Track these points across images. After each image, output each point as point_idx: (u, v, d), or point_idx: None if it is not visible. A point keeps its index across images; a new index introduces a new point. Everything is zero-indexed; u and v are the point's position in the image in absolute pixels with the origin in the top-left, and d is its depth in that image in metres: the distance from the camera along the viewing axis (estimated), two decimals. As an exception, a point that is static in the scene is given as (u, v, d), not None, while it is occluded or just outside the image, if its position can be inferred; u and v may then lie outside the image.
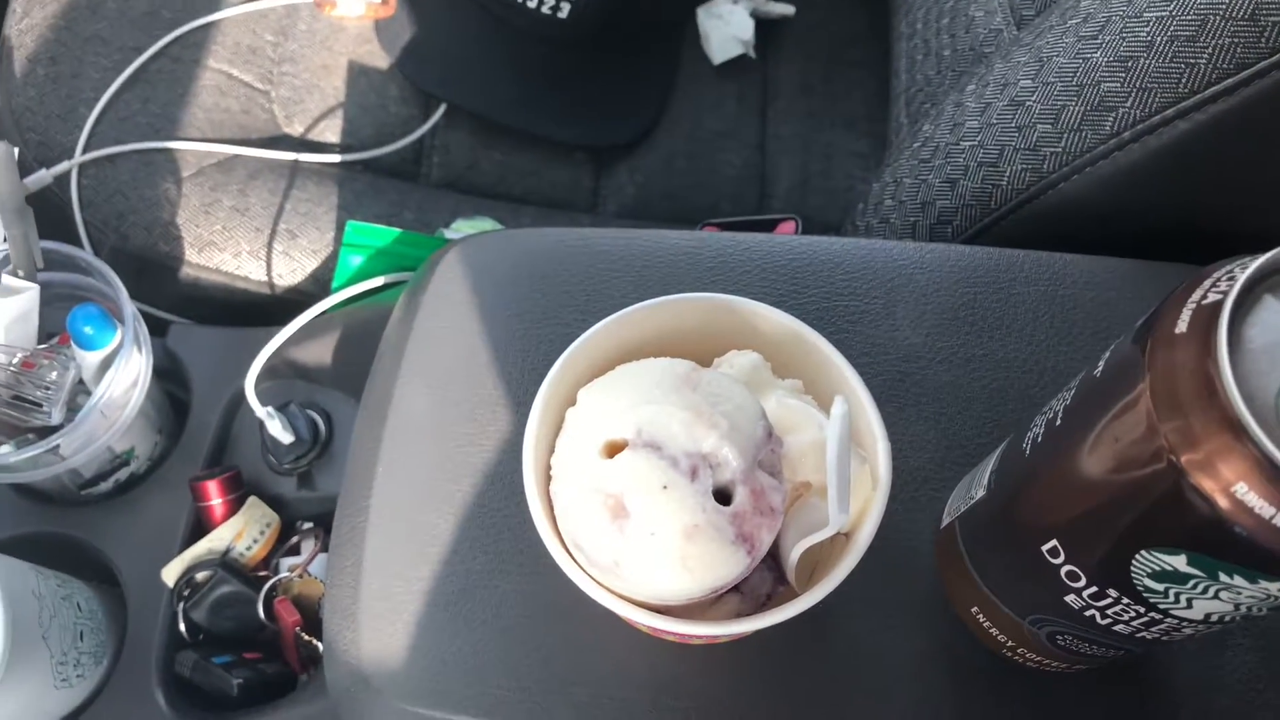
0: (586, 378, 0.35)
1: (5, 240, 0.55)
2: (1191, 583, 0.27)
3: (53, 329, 0.57)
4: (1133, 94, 0.47)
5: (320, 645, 0.54)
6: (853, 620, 0.40)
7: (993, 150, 0.53)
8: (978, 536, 0.36)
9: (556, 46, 0.82)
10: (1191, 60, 0.45)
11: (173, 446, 0.60)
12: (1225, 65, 0.44)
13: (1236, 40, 0.44)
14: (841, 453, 0.29)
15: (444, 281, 0.48)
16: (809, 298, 0.46)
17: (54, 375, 0.53)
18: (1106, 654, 0.34)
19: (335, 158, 0.74)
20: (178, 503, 0.58)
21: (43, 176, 0.68)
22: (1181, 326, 0.25)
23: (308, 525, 0.59)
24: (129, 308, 0.54)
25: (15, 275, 0.55)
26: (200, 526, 0.58)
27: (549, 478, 0.33)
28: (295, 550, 0.58)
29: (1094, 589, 0.30)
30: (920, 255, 0.47)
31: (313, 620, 0.55)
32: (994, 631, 0.37)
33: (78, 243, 0.69)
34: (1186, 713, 0.38)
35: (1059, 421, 0.31)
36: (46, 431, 0.54)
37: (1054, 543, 0.31)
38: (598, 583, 0.32)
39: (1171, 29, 0.46)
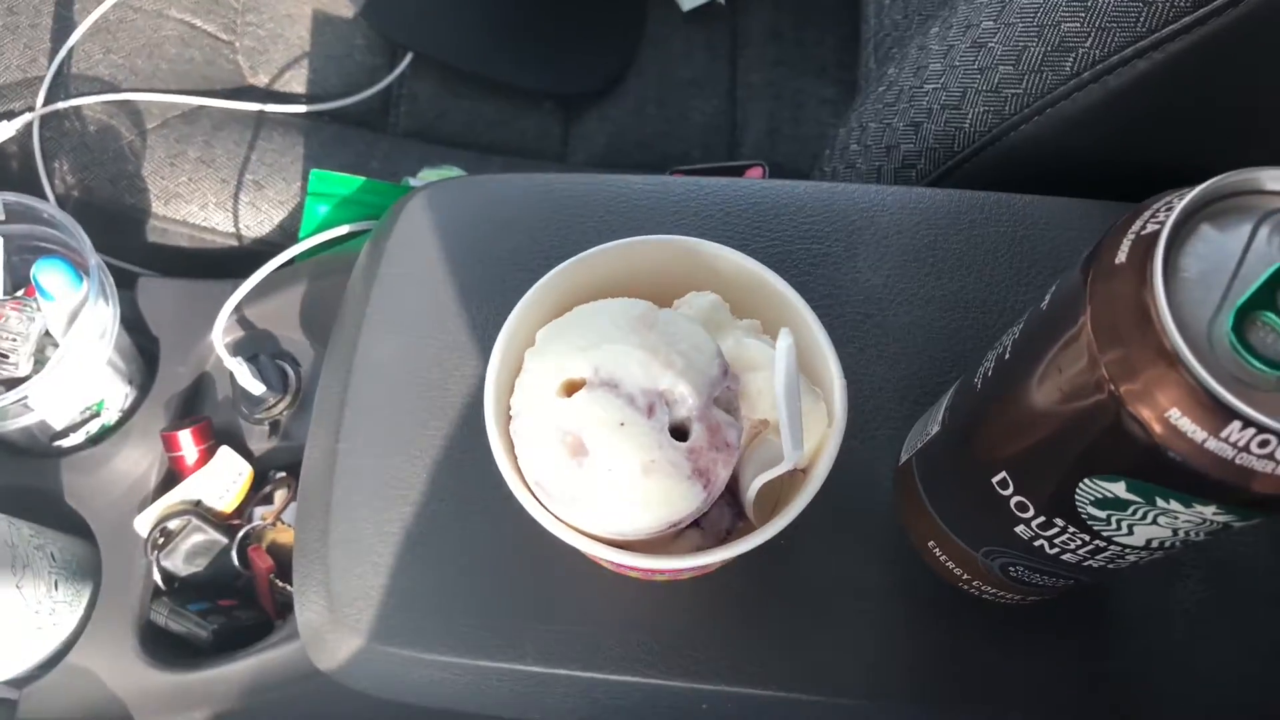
0: (547, 321, 0.35)
1: (-35, 192, 0.54)
2: (1132, 509, 0.27)
3: (18, 282, 0.57)
4: (1092, 33, 0.47)
5: (291, 590, 0.54)
6: (813, 555, 0.41)
7: (955, 92, 0.54)
8: (933, 471, 0.37)
9: (525, -6, 0.82)
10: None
11: (143, 398, 0.60)
12: (1182, 4, 0.45)
13: (1194, -21, 0.44)
14: (789, 386, 0.30)
15: (408, 228, 0.48)
16: (771, 240, 0.46)
17: (19, 326, 0.53)
18: (1057, 583, 0.35)
19: (301, 108, 0.73)
20: (149, 453, 0.58)
21: (3, 128, 0.67)
22: (1121, 257, 0.25)
23: (280, 474, 0.59)
24: (94, 259, 0.54)
25: (-23, 226, 0.54)
26: (172, 477, 0.58)
27: (510, 418, 0.34)
28: (268, 500, 0.59)
29: (1042, 519, 0.31)
30: (882, 197, 0.47)
31: (286, 567, 0.56)
32: (950, 565, 0.38)
33: (42, 195, 0.69)
34: (1137, 642, 0.40)
35: (1008, 355, 0.31)
36: (14, 383, 0.54)
37: (1003, 474, 0.31)
38: (560, 519, 0.33)
39: (1131, -32, 0.46)
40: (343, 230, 0.58)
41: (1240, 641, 0.40)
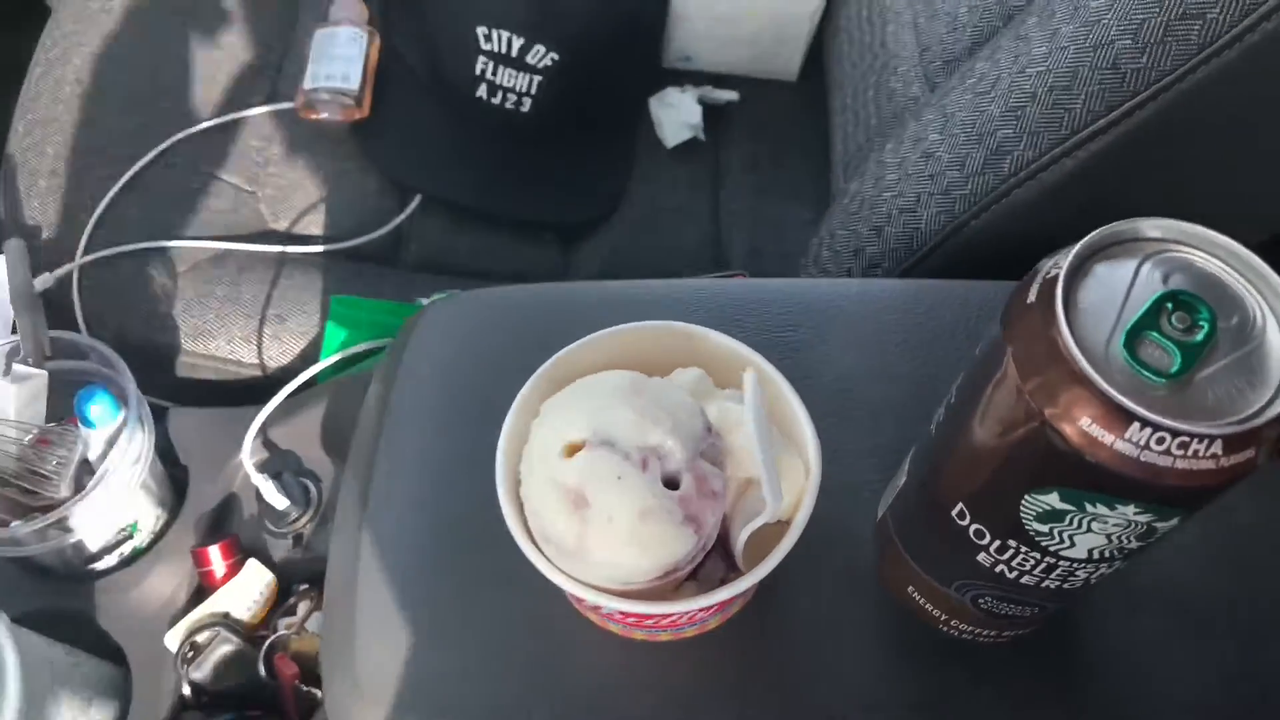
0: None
1: (16, 331, 0.59)
2: (1068, 518, 0.31)
3: (59, 414, 0.62)
4: (1024, 137, 0.53)
5: (319, 693, 0.57)
6: (806, 610, 0.44)
7: (910, 198, 0.60)
8: (904, 518, 0.41)
9: (521, 138, 0.89)
10: (1069, 105, 0.52)
11: (173, 520, 0.64)
12: (1097, 108, 0.51)
13: (1103, 86, 0.50)
14: (759, 420, 0.34)
15: (422, 338, 0.53)
16: (750, 329, 0.51)
17: (63, 451, 0.57)
18: (1024, 612, 0.38)
19: (319, 248, 0.80)
20: (179, 572, 0.62)
21: (45, 279, 0.73)
22: (1031, 298, 0.30)
23: (303, 586, 0.63)
24: (132, 387, 0.59)
25: (25, 363, 0.59)
26: (202, 593, 0.61)
27: (519, 483, 0.38)
28: (292, 611, 0.62)
29: (997, 543, 0.35)
30: (849, 289, 0.53)
31: (310, 673, 0.59)
32: (929, 607, 0.41)
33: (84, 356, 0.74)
34: (1107, 672, 0.42)
35: (953, 401, 0.35)
36: (53, 506, 0.57)
37: (960, 505, 0.35)
38: (564, 573, 0.37)
39: (1050, 81, 0.52)
40: (361, 348, 0.63)
41: (1201, 671, 0.42)
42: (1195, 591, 0.43)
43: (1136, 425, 0.27)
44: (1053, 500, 0.31)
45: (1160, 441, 0.27)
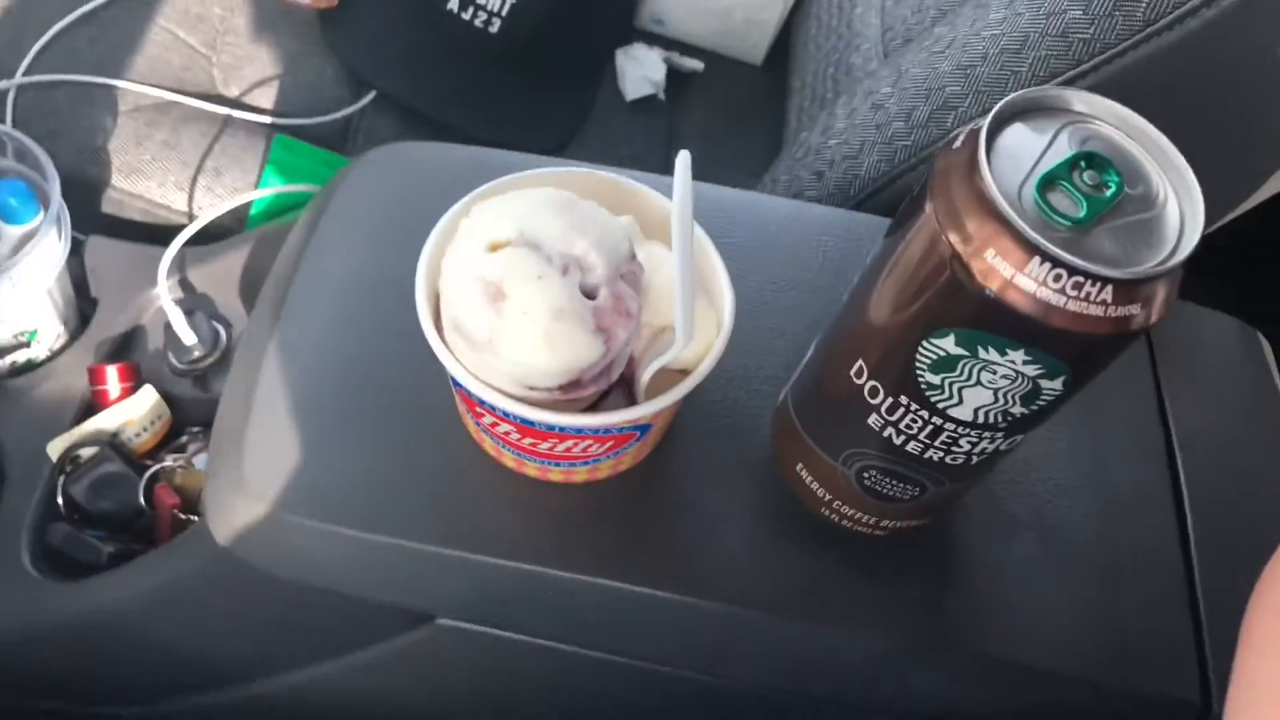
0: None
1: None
2: (959, 366, 0.33)
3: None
4: (970, 95, 0.56)
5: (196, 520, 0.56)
6: (697, 480, 0.45)
7: (855, 145, 0.62)
8: (803, 391, 0.42)
9: (485, 58, 0.89)
10: (1016, 69, 0.54)
11: (72, 343, 0.63)
12: (1042, 73, 0.53)
13: (1051, 52, 0.53)
14: (683, 200, 0.35)
15: (352, 186, 0.52)
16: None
17: (-29, 239, 0.56)
18: (906, 492, 0.40)
19: (267, 119, 0.79)
20: (73, 389, 0.60)
21: (-20, 91, 0.71)
22: (957, 143, 0.32)
23: (196, 429, 0.62)
24: (56, 190, 0.58)
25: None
26: (92, 411, 0.60)
27: (437, 296, 0.38)
28: (182, 449, 0.61)
29: (889, 400, 0.36)
30: (787, 208, 0.54)
31: (191, 503, 0.58)
32: (815, 486, 0.42)
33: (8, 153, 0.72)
34: (973, 581, 0.44)
35: (866, 263, 0.37)
36: (-46, 296, 0.56)
37: (859, 362, 0.37)
38: (467, 370, 0.37)
39: (1002, 43, 0.55)
40: (294, 188, 0.62)
41: (1061, 596, 0.44)
42: (1071, 528, 0.45)
43: (1037, 259, 0.29)
44: (948, 344, 0.32)
45: (1057, 279, 0.29)
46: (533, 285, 0.36)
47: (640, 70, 0.96)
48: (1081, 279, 0.29)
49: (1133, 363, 0.51)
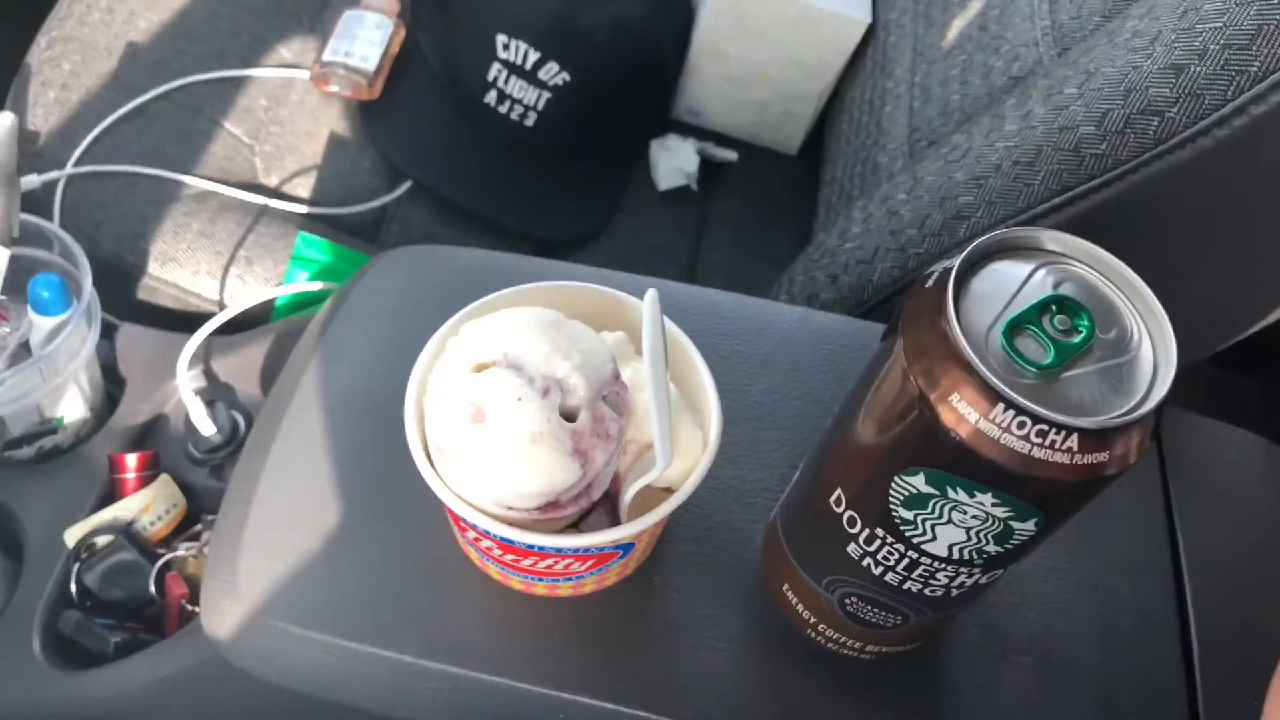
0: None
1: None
2: (930, 504, 0.32)
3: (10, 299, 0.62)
4: (981, 206, 0.56)
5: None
6: (683, 597, 0.44)
7: (869, 250, 0.62)
8: (789, 514, 0.42)
9: (521, 150, 0.92)
10: (1028, 181, 0.54)
11: (98, 429, 0.64)
12: (1054, 186, 0.53)
13: (1063, 167, 0.53)
14: (654, 336, 0.35)
15: (369, 284, 0.54)
16: (691, 329, 0.52)
17: (5, 328, 0.58)
18: (888, 620, 0.39)
19: (303, 209, 0.81)
20: (93, 477, 0.62)
21: (32, 180, 0.74)
22: (929, 283, 0.32)
23: (211, 518, 0.63)
24: (88, 283, 0.60)
25: (-10, 242, 0.60)
26: (111, 500, 0.61)
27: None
28: (195, 537, 0.62)
29: (866, 531, 0.36)
30: (792, 315, 0.54)
31: (198, 597, 0.58)
32: (800, 607, 0.42)
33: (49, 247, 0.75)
34: (971, 713, 0.43)
35: (847, 396, 0.37)
36: (-15, 383, 0.58)
37: (839, 491, 0.36)
38: (449, 489, 0.37)
39: (1015, 155, 0.55)
40: (316, 286, 0.64)
41: (1060, 726, 0.43)
42: (1069, 655, 0.44)
43: (1001, 406, 0.29)
44: (919, 483, 0.32)
45: (1021, 426, 0.29)
46: (512, 408, 0.36)
47: (674, 161, 0.97)
48: (1045, 427, 0.29)
49: (1141, 479, 0.50)
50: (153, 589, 0.58)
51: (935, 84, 0.74)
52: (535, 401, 0.36)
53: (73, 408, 0.62)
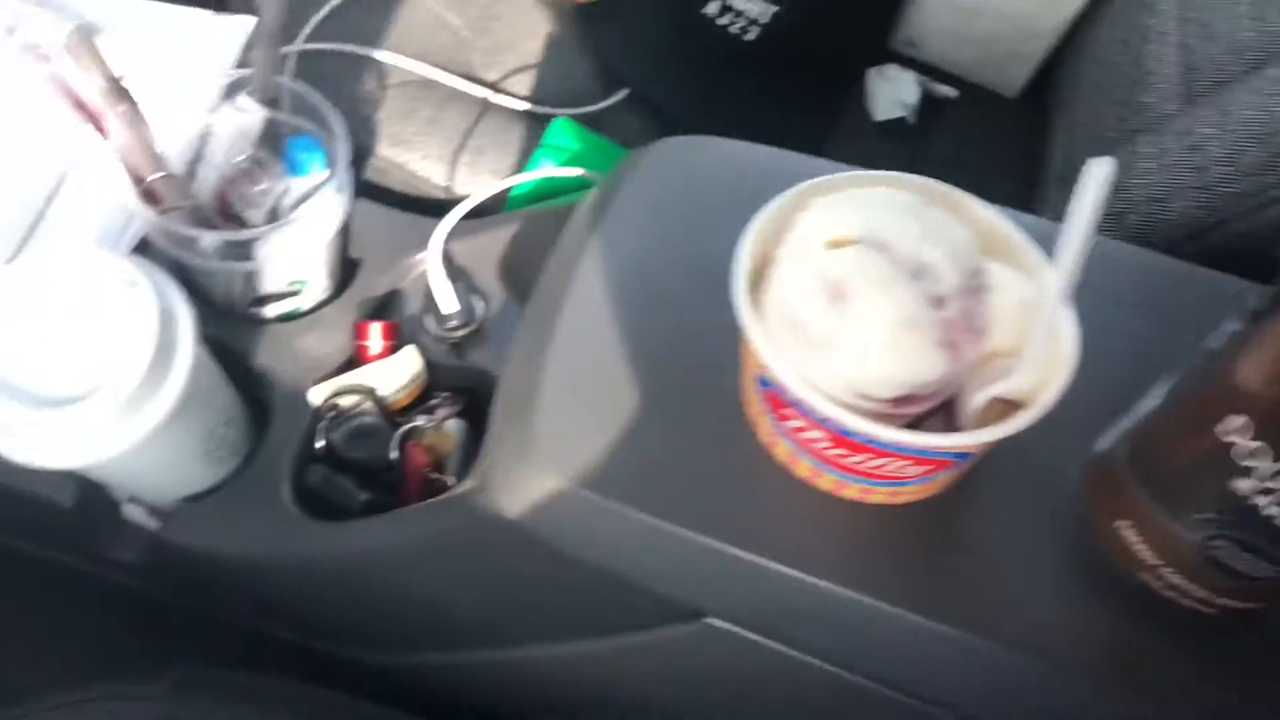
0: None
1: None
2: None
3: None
4: None
5: (449, 480, 0.56)
6: (992, 523, 0.42)
7: (1163, 188, 0.57)
8: (1145, 443, 0.38)
9: (737, 65, 0.88)
10: None
11: (336, 297, 0.64)
12: None
13: None
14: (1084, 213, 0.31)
15: (645, 173, 0.51)
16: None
17: (267, 183, 0.58)
18: (1261, 571, 0.35)
19: (522, 105, 0.80)
20: (336, 340, 0.61)
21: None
22: None
23: (446, 393, 0.62)
24: (344, 149, 0.59)
25: (252, 97, 0.60)
26: (353, 364, 0.61)
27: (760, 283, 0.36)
28: (432, 411, 0.61)
29: (1275, 467, 0.32)
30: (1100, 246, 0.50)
31: (441, 464, 0.58)
32: (1139, 547, 0.38)
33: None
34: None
35: (1251, 306, 0.33)
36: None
37: (1241, 419, 0.33)
38: (791, 369, 0.35)
39: None
40: (564, 172, 0.61)
41: None
42: None
43: None
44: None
45: None
46: (881, 289, 0.33)
47: (893, 91, 0.93)
48: None
49: None
50: (395, 454, 0.58)
51: (1219, 20, 0.68)
52: (905, 284, 0.34)
53: (317, 272, 0.62)
